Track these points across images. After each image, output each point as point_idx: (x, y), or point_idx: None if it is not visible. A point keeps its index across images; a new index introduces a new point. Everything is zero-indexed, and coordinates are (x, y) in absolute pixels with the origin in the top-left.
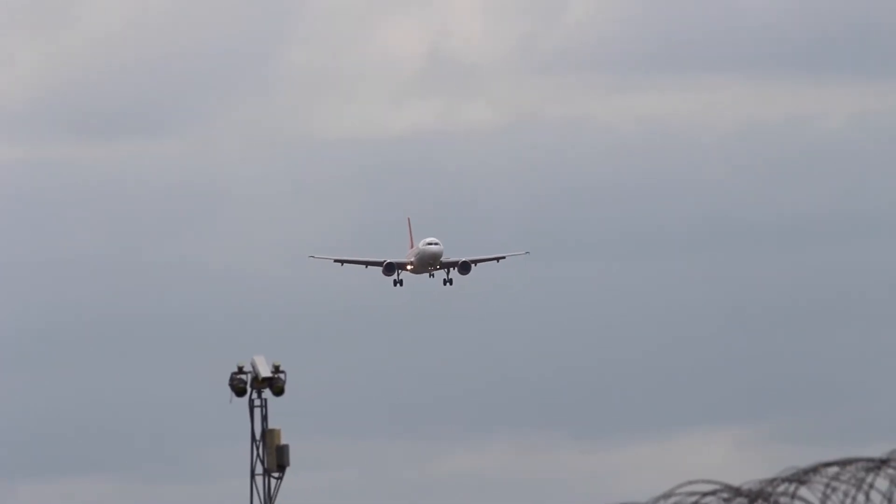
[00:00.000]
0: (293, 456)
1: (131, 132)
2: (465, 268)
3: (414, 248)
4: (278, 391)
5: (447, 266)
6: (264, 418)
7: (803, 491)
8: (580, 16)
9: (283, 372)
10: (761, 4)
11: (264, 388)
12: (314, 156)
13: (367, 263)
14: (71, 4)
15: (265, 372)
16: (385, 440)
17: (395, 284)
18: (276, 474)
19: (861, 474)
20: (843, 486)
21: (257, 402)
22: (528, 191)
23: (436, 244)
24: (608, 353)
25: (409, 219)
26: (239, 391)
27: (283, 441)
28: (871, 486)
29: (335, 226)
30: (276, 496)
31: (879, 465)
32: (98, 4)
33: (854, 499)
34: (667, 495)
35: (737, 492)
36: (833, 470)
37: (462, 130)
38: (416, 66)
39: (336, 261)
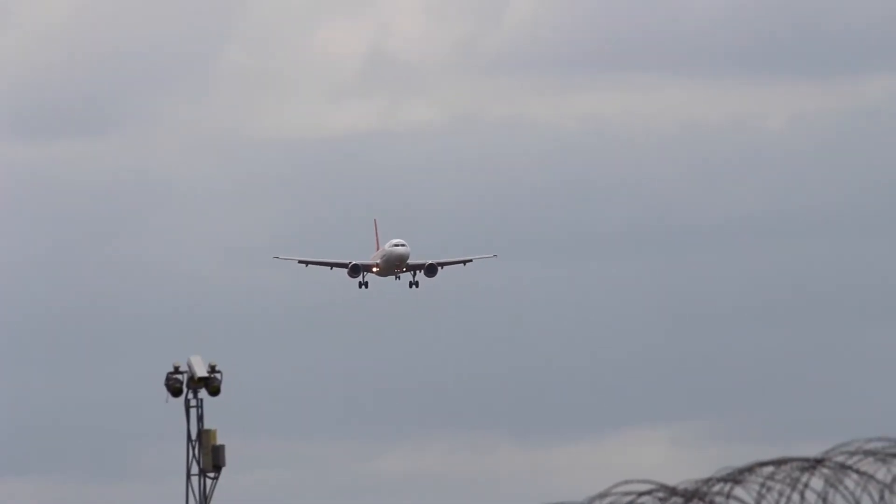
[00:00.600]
0: (229, 456)
1: (71, 131)
2: (431, 270)
3: (380, 249)
4: (214, 391)
5: (414, 268)
6: (200, 418)
7: (738, 490)
8: (521, 15)
9: (219, 372)
10: (703, 4)
11: (200, 388)
12: (254, 155)
13: (332, 265)
14: (8, 2)
15: (201, 372)
16: (323, 440)
17: (360, 286)
18: (211, 474)
19: (796, 474)
20: (778, 486)
21: (193, 403)
22: (470, 191)
23: (402, 245)
24: (546, 353)
25: (375, 220)
26: (175, 391)
27: (220, 441)
28: (806, 485)
29: (274, 226)
30: (211, 496)
31: (814, 464)
32: (37, 2)
33: (789, 498)
34: (602, 495)
35: (672, 491)
36: (768, 469)
37: (403, 130)
38: (356, 65)
39: (301, 262)
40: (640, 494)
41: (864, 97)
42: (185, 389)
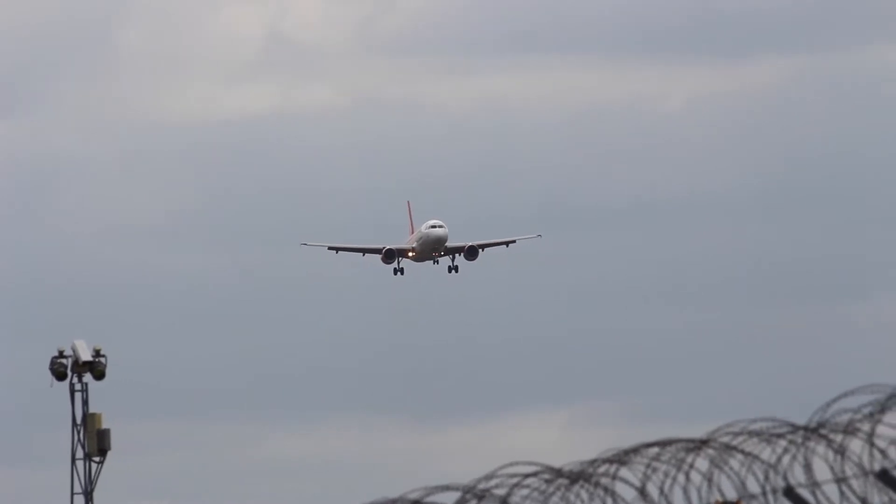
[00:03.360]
0: (115, 440)
1: None
2: (472, 253)
3: (415, 232)
4: (99, 375)
5: (453, 252)
6: (85, 402)
7: (624, 471)
8: None
9: (103, 356)
10: None
11: (85, 372)
12: (152, 137)
13: (364, 251)
14: None
15: (86, 356)
16: (212, 424)
17: (395, 273)
18: (96, 458)
19: (681, 454)
20: (664, 467)
21: (78, 387)
22: (368, 173)
23: (441, 227)
24: (440, 336)
25: (409, 202)
26: (59, 375)
27: (105, 425)
28: (692, 466)
29: (173, 208)
30: (96, 480)
31: (699, 445)
32: None
33: (674, 479)
34: (488, 477)
35: (558, 473)
36: (654, 451)
37: (301, 112)
38: (254, 47)
39: (330, 248)
40: (526, 476)
41: (759, 79)
42: (69, 374)
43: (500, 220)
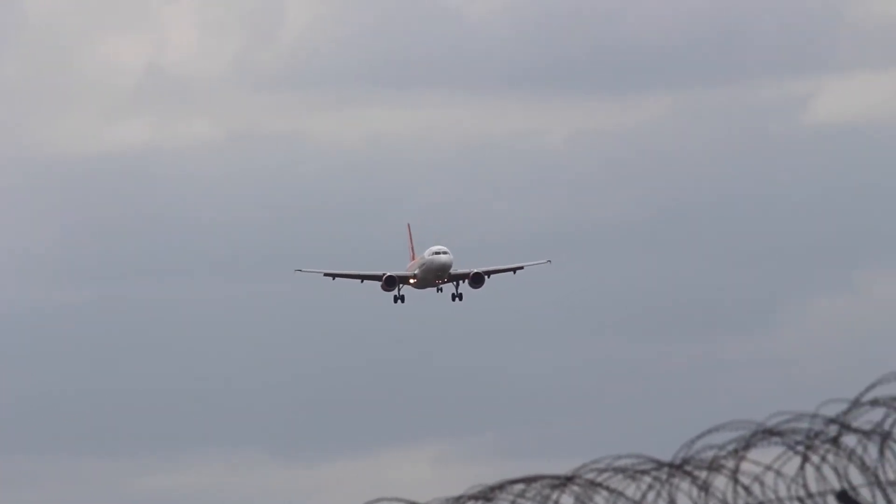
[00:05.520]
0: None
1: None
2: (477, 280)
3: (417, 258)
4: None
5: (457, 279)
6: None
7: None
8: (298, 31)
9: None
10: (485, 22)
11: None
12: (26, 171)
13: (363, 277)
14: None
15: None
16: (79, 459)
17: (395, 301)
18: None
19: (546, 491)
20: None
21: None
22: (246, 207)
23: (445, 253)
24: (303, 371)
25: (409, 225)
26: None
27: None
28: (557, 502)
29: (46, 241)
30: None
31: (565, 482)
32: None
33: None
34: None
35: None
36: (519, 487)
37: (179, 145)
38: (132, 81)
39: (326, 275)
40: None
41: (641, 115)
42: None
43: (376, 256)
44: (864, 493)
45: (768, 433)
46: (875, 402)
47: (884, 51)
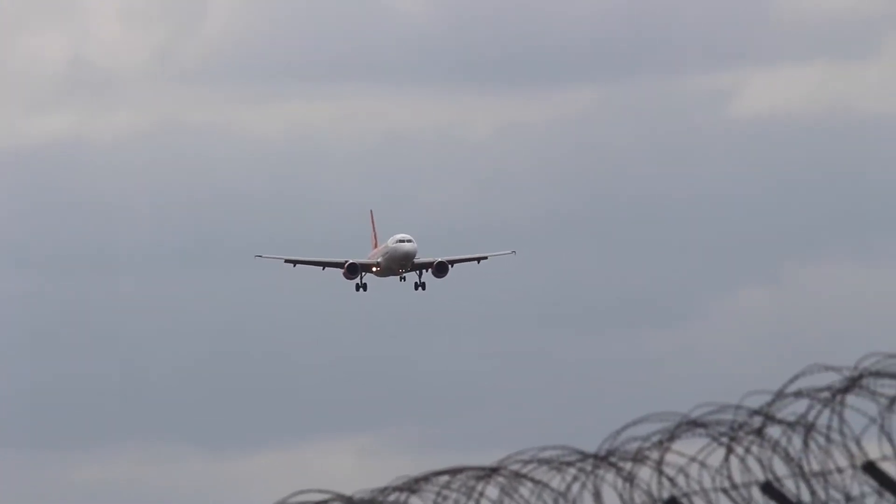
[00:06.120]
0: None
1: None
2: (441, 269)
3: (380, 246)
4: None
5: (420, 267)
6: None
7: (414, 500)
8: (221, 23)
9: None
10: (409, 15)
11: None
12: None
13: (324, 265)
14: None
15: None
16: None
17: (357, 289)
18: None
19: (471, 483)
20: (454, 495)
21: None
22: (170, 198)
23: (409, 241)
24: (232, 362)
25: (371, 212)
26: None
27: None
28: (482, 494)
29: None
30: None
31: (489, 473)
32: None
33: None
34: None
35: (348, 501)
36: (444, 479)
37: (101, 138)
38: (55, 73)
39: (287, 261)
40: None
41: (567, 108)
42: None
43: (313, 246)
44: (789, 484)
45: (693, 425)
46: (799, 394)
47: (808, 43)
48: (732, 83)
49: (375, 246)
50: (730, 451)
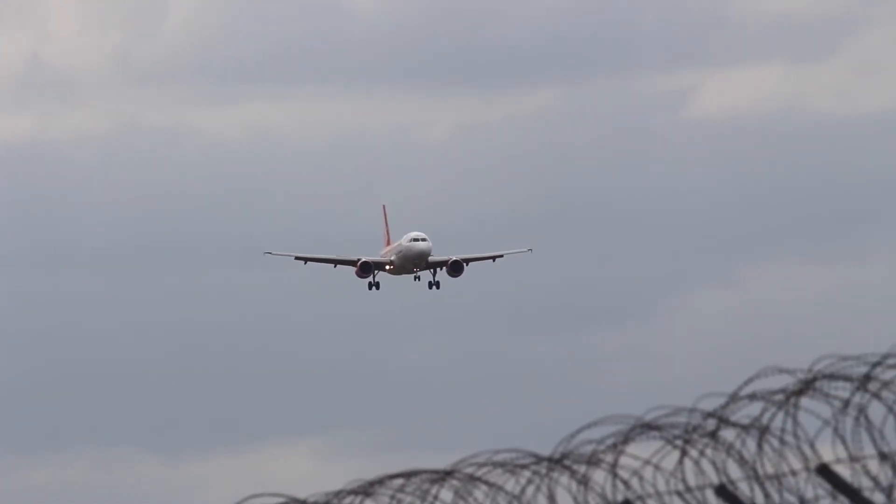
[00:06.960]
0: None
1: None
2: (456, 268)
3: (394, 244)
4: None
5: (435, 266)
6: None
7: (369, 503)
8: (180, 25)
9: None
10: (370, 15)
11: None
12: None
13: (336, 262)
14: None
15: None
16: None
17: (370, 287)
18: None
19: (426, 486)
20: (409, 498)
21: None
22: (130, 200)
23: (423, 240)
24: (184, 364)
25: (384, 207)
26: None
27: None
28: (436, 497)
29: None
30: None
31: (444, 476)
32: None
33: None
34: None
35: None
36: (398, 482)
37: (59, 139)
38: (13, 74)
39: (297, 258)
40: None
41: (525, 109)
42: None
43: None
44: (743, 486)
45: (647, 427)
46: (753, 397)
47: (765, 44)
48: (690, 84)
49: (388, 242)
50: (684, 453)
